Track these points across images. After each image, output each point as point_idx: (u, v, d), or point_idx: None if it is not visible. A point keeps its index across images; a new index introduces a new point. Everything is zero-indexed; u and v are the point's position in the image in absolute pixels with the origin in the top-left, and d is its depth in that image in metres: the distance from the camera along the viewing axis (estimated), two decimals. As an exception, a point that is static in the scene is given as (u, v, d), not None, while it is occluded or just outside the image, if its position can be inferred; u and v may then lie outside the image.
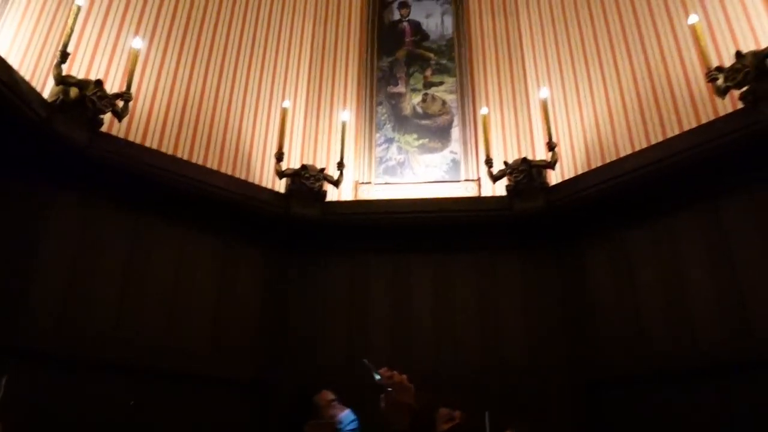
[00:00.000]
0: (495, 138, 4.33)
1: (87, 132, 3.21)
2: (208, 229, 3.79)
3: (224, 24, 4.32)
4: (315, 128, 4.57)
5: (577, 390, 3.55)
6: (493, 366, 3.70)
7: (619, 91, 3.91)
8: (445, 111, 4.65)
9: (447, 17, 5.03)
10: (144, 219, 3.54)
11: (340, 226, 4.04)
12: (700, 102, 3.43)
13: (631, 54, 3.90)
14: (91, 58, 3.57)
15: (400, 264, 4.09)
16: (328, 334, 3.93)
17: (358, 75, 4.83)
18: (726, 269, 3.12)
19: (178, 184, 3.56)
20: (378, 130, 4.63)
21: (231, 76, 4.25)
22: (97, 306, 3.22)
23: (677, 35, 3.67)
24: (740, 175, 3.13)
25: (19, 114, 2.92)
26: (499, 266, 4.00)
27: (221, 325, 3.67)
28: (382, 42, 4.99)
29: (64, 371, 2.99)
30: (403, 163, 4.50)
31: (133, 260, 3.44)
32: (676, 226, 3.41)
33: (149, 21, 3.89)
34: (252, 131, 4.26)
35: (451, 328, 3.86)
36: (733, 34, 3.35)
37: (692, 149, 3.18)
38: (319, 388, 3.57)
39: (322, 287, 4.07)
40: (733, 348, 2.98)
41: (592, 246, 3.81)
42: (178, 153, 3.76)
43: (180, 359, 3.43)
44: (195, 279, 3.67)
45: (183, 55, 4.02)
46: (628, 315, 3.49)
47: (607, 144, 3.88)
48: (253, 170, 4.14)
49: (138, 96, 3.67)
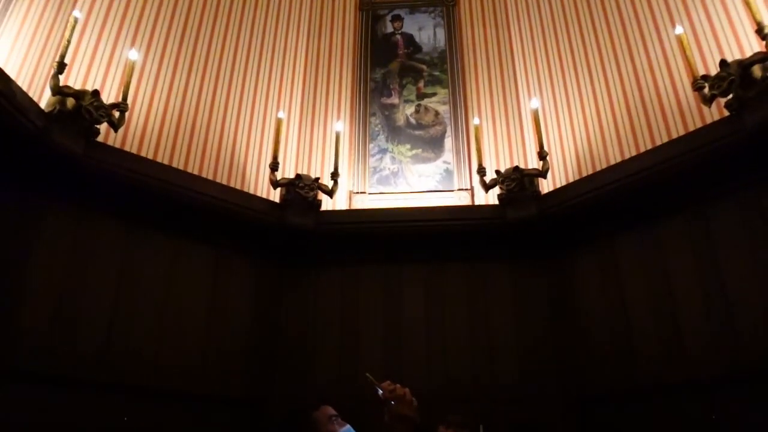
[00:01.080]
0: (487, 147, 4.40)
1: (83, 141, 3.23)
2: (201, 239, 3.80)
3: (219, 37, 4.38)
4: (309, 139, 4.62)
5: (569, 407, 3.58)
6: (485, 384, 3.72)
7: (608, 100, 3.98)
8: (438, 121, 4.71)
9: (439, 30, 5.11)
10: (137, 230, 3.55)
11: (334, 235, 4.06)
12: (687, 111, 3.50)
13: (620, 65, 3.98)
14: (88, 69, 3.62)
15: (392, 274, 4.11)
16: (320, 348, 3.93)
17: (352, 86, 4.89)
18: (714, 277, 3.16)
19: (173, 193, 3.57)
20: (372, 141, 4.68)
21: (226, 87, 4.30)
22: (88, 323, 3.20)
23: (664, 46, 3.75)
24: (727, 181, 3.19)
25: (15, 124, 2.94)
26: (491, 277, 4.03)
27: (212, 343, 3.66)
28: (376, 54, 5.07)
29: (55, 389, 2.99)
30: (397, 172, 4.55)
31: (125, 272, 3.43)
32: (664, 234, 3.45)
33: (145, 32, 3.94)
34: (247, 142, 4.30)
35: (443, 341, 3.87)
36: (718, 44, 3.43)
37: (680, 157, 3.23)
38: (315, 403, 3.57)
39: (314, 300, 4.08)
40: (722, 362, 2.99)
41: (582, 256, 3.85)
42: (173, 164, 3.79)
43: (171, 376, 3.42)
44: (187, 293, 3.66)
45: (179, 66, 4.07)
46: (618, 328, 3.52)
47: (598, 153, 3.95)
48: (248, 181, 4.18)
49: (134, 107, 3.70)
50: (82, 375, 3.09)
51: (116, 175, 3.37)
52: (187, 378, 3.48)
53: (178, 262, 3.69)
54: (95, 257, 3.35)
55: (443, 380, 3.76)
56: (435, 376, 3.78)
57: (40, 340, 3.01)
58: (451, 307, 3.98)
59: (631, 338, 3.44)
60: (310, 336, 3.97)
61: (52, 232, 3.23)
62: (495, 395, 3.66)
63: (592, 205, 3.65)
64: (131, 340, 3.33)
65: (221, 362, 3.66)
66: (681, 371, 3.15)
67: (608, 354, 3.52)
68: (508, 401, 3.62)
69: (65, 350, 3.08)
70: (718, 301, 3.10)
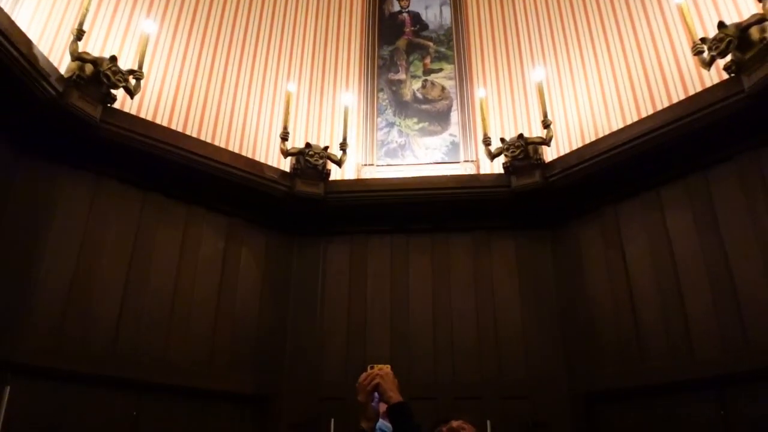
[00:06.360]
0: (493, 120, 4.47)
1: (100, 107, 3.34)
2: (214, 207, 3.92)
3: (231, 10, 4.50)
4: (318, 113, 4.72)
5: (575, 400, 3.66)
6: (492, 377, 3.80)
7: (611, 69, 4.06)
8: (444, 96, 4.80)
9: (445, 8, 5.19)
10: (151, 197, 3.68)
11: (343, 204, 4.16)
12: (688, 77, 3.57)
13: (622, 34, 4.06)
14: (105, 39, 3.73)
15: (399, 244, 4.22)
16: (329, 332, 4.05)
17: (360, 63, 4.99)
18: (714, 238, 3.25)
19: (187, 159, 3.67)
20: (379, 115, 4.78)
21: (238, 60, 4.42)
22: (98, 315, 3.29)
23: (665, 14, 3.82)
24: (728, 145, 3.26)
25: (37, 88, 3.05)
26: (496, 248, 4.13)
27: (220, 333, 3.75)
28: (383, 32, 5.16)
29: (65, 384, 3.08)
30: (404, 145, 4.64)
31: (138, 243, 3.55)
32: (666, 200, 3.54)
33: (160, 2, 4.08)
34: (258, 113, 4.41)
35: (451, 322, 3.98)
36: (717, 10, 3.50)
37: (680, 120, 3.30)
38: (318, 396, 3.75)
39: (323, 275, 4.19)
40: (731, 359, 3.03)
41: (586, 223, 3.94)
42: (186, 132, 3.89)
43: (180, 371, 3.49)
44: (200, 266, 3.77)
45: (192, 37, 4.20)
46: (621, 296, 3.61)
47: (601, 124, 4.01)
48: (259, 150, 4.29)
49: (148, 76, 3.81)
50: (91, 369, 3.17)
51: (132, 140, 3.47)
52: (195, 373, 3.55)
53: (190, 230, 3.80)
54: (110, 226, 3.48)
55: (449, 369, 3.85)
56: (441, 362, 3.88)
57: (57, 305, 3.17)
58: (457, 280, 4.08)
59: (634, 309, 3.52)
60: (318, 317, 4.07)
61: (68, 199, 3.36)
62: (502, 386, 3.77)
63: (595, 171, 3.71)
64: (142, 324, 3.43)
65: (229, 354, 3.74)
66: (684, 336, 3.23)
67: (611, 324, 3.60)
68: (514, 390, 3.74)
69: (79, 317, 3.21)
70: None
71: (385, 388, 1.95)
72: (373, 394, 1.99)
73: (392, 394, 1.94)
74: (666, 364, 3.27)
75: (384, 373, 2.00)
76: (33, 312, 3.05)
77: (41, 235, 3.20)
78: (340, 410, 3.61)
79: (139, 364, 3.32)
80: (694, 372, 3.14)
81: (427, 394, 3.70)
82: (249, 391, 3.73)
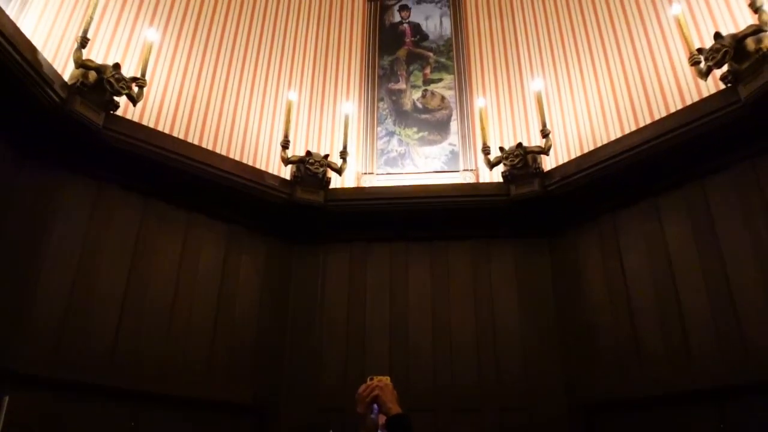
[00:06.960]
0: (492, 129, 4.51)
1: (103, 113, 3.37)
2: (214, 215, 3.92)
3: (233, 19, 4.56)
4: (319, 121, 4.76)
5: (574, 411, 3.64)
6: (490, 388, 3.78)
7: (609, 79, 4.10)
8: (444, 106, 4.84)
9: (445, 19, 5.25)
10: (151, 204, 3.67)
11: (343, 212, 4.18)
12: (685, 87, 3.61)
13: (620, 44, 4.10)
14: (108, 48, 3.77)
15: (399, 253, 4.23)
16: (328, 338, 4.03)
17: (360, 73, 5.04)
18: (712, 247, 3.26)
19: (189, 167, 3.69)
20: (379, 124, 4.81)
21: (239, 69, 4.46)
22: (97, 324, 3.27)
23: (662, 25, 3.87)
24: (724, 154, 3.29)
25: (41, 93, 3.08)
26: (495, 257, 4.13)
27: (220, 340, 3.72)
28: (383, 42, 5.21)
29: (63, 394, 3.04)
30: (404, 154, 4.67)
31: (138, 251, 3.53)
32: (663, 206, 3.56)
33: (163, 12, 4.12)
34: (259, 121, 4.45)
35: (450, 331, 3.97)
36: (714, 22, 3.55)
37: (677, 129, 3.33)
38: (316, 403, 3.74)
39: (322, 283, 4.19)
40: (730, 369, 3.01)
41: (584, 233, 3.94)
42: (188, 140, 3.92)
43: (179, 381, 3.46)
44: (200, 272, 3.77)
45: (194, 45, 4.24)
46: (619, 305, 3.61)
47: (600, 134, 4.05)
48: (260, 158, 4.32)
49: (151, 83, 3.85)
50: (89, 378, 3.14)
51: (134, 146, 3.50)
52: (194, 382, 3.51)
53: (190, 238, 3.80)
54: (111, 231, 3.47)
55: (448, 379, 3.83)
56: (441, 373, 3.86)
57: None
58: (456, 289, 4.07)
59: (633, 318, 3.52)
60: (317, 325, 4.07)
61: (70, 205, 3.37)
62: (501, 394, 3.75)
63: (593, 180, 3.74)
64: (142, 331, 3.41)
65: (228, 363, 3.72)
66: (682, 344, 3.24)
67: (610, 334, 3.60)
68: (512, 398, 3.72)
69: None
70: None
71: (384, 399, 1.96)
72: (373, 405, 1.99)
73: (391, 405, 1.94)
74: (665, 375, 3.27)
75: (383, 384, 2.01)
76: (32, 321, 3.04)
77: (42, 240, 3.20)
78: (340, 420, 3.60)
79: (137, 375, 3.30)
80: (694, 383, 3.13)
81: (425, 405, 3.69)
82: (248, 401, 3.70)
